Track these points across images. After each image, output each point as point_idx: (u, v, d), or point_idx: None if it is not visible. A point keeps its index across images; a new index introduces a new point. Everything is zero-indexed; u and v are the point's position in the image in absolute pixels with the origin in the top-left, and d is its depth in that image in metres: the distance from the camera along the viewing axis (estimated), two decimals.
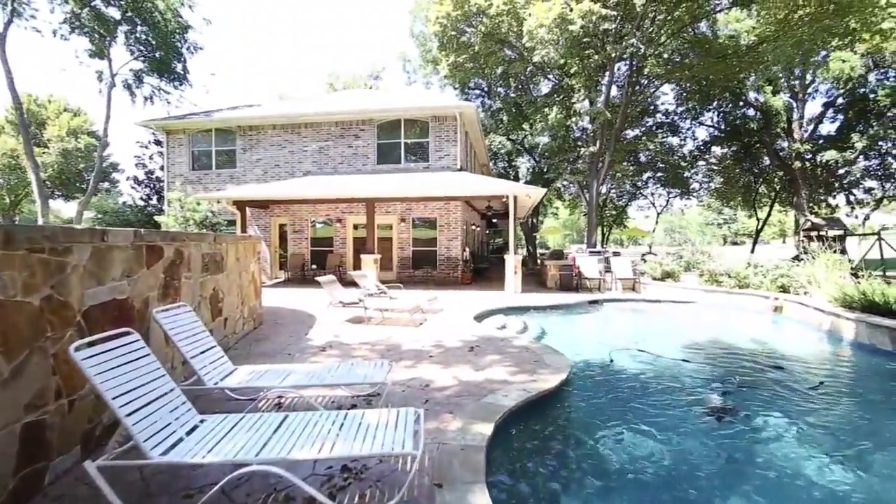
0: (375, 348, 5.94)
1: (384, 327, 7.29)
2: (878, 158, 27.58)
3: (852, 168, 26.90)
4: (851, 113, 26.45)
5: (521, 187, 11.71)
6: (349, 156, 14.73)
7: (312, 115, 14.75)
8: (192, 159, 15.86)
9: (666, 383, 5.01)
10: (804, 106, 27.43)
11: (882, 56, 22.80)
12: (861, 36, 17.92)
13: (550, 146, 25.92)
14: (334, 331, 7.05)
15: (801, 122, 27.23)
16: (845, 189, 30.04)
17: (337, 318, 8.03)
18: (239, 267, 6.40)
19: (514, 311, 9.42)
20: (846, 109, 26.76)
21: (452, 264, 14.16)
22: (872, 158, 27.58)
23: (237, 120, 15.27)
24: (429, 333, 6.83)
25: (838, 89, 26.47)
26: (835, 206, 31.70)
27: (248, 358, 5.43)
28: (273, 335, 6.78)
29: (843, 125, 27.23)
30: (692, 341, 7.14)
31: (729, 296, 9.95)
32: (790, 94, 27.47)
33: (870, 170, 28.11)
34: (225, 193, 13.18)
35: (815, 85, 27.48)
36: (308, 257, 15.06)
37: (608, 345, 6.78)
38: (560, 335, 7.54)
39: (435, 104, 15.31)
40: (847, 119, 26.90)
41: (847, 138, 26.15)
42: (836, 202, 31.75)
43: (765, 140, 27.66)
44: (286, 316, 8.45)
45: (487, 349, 5.81)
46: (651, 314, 9.70)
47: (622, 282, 12.16)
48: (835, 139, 26.91)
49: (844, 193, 30.48)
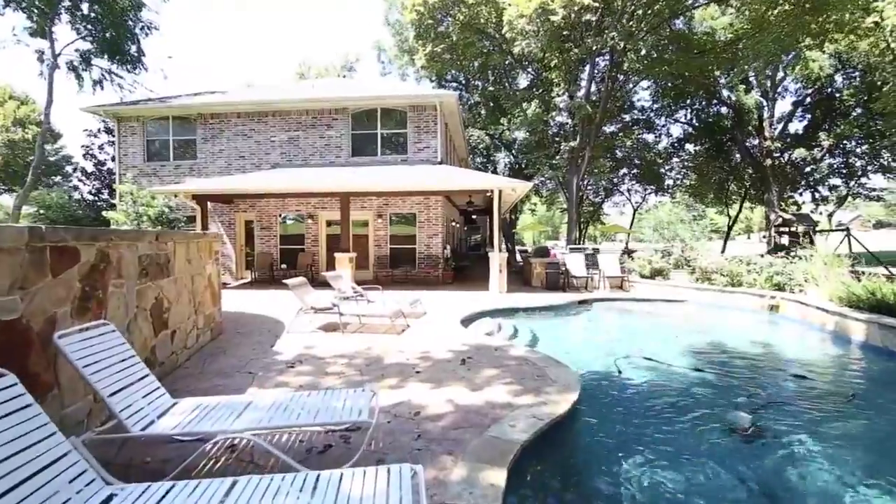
0: (353, 363, 5.16)
1: (362, 336, 6.51)
2: (842, 157, 28.48)
3: (819, 165, 27.66)
4: (819, 112, 27.16)
5: (506, 181, 11.10)
6: (321, 147, 13.75)
7: (281, 103, 13.68)
8: (147, 149, 14.50)
9: (684, 399, 4.46)
10: (774, 105, 27.98)
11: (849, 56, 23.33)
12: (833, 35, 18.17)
13: (529, 141, 25.50)
14: (305, 341, 6.22)
15: (771, 120, 27.76)
16: (811, 186, 30.96)
17: (308, 325, 7.19)
18: (191, 269, 5.49)
19: (502, 314, 8.80)
20: (814, 108, 27.46)
21: (433, 263, 13.43)
22: (837, 157, 28.45)
23: (197, 107, 14.03)
24: (413, 342, 6.10)
25: (807, 88, 27.10)
26: (801, 202, 32.65)
27: (200, 378, 4.57)
28: (233, 347, 5.90)
29: (810, 124, 27.96)
30: (695, 345, 6.67)
31: (721, 294, 9.63)
32: (761, 92, 27.96)
33: (833, 167, 29.01)
34: (183, 186, 12.01)
35: (785, 84, 28.07)
36: (277, 256, 14.02)
37: (609, 351, 6.23)
38: (555, 341, 6.94)
39: (414, 92, 14.51)
40: (814, 118, 27.62)
41: (815, 136, 26.86)
42: (803, 199, 32.71)
43: (737, 137, 28.07)
44: (250, 323, 7.54)
45: (481, 361, 5.13)
46: (644, 315, 9.26)
47: (610, 280, 11.73)
48: (803, 137, 27.60)
49: (810, 190, 31.42)
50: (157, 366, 4.39)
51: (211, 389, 4.24)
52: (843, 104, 25.80)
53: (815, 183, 30.47)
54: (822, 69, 24.30)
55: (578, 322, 8.59)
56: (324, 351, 5.69)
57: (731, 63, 21.65)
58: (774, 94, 27.72)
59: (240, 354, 5.57)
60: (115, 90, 16.69)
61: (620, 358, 5.76)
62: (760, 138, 27.34)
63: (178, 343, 5.02)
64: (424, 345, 5.95)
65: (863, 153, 27.60)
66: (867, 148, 26.81)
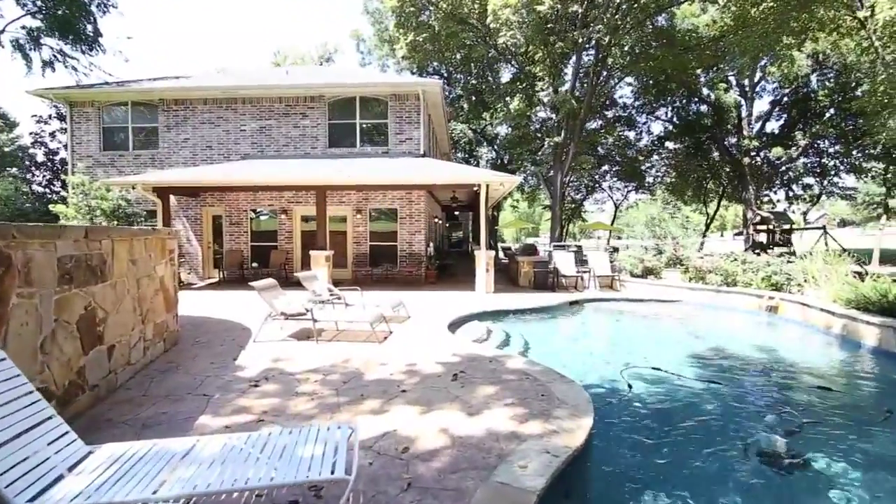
0: (329, 379, 4.47)
1: (339, 345, 5.81)
2: (816, 157, 29.04)
3: (795, 164, 28.11)
4: (795, 111, 27.58)
5: (494, 175, 10.50)
6: (296, 137, 12.86)
7: (252, 89, 12.71)
8: (104, 138, 13.31)
9: (705, 419, 3.96)
10: (752, 104, 28.28)
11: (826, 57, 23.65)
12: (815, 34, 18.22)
13: (512, 137, 25.03)
14: (274, 352, 5.49)
15: (749, 119, 28.05)
16: (785, 185, 31.54)
17: (278, 332, 6.44)
18: (137, 272, 4.69)
19: (491, 316, 8.22)
20: (790, 108, 27.86)
21: (415, 261, 12.76)
22: (811, 156, 28.99)
23: (159, 91, 12.92)
24: (397, 352, 5.44)
25: (784, 88, 27.47)
26: (776, 201, 33.27)
27: (142, 403, 3.81)
28: (190, 361, 5.12)
29: (786, 123, 28.38)
30: (699, 351, 6.23)
31: (716, 294, 9.29)
32: (740, 92, 28.22)
33: (807, 167, 29.57)
34: (142, 177, 10.97)
35: (763, 84, 28.41)
36: (248, 254, 13.09)
37: (610, 360, 5.72)
38: (550, 348, 6.40)
39: (395, 80, 13.75)
40: (791, 117, 28.04)
41: (791, 136, 27.26)
42: (777, 197, 33.35)
43: (716, 135, 28.27)
44: (213, 330, 6.74)
45: (475, 375, 4.52)
46: (640, 316, 8.83)
47: (600, 279, 11.31)
48: (780, 136, 28.00)
49: (784, 189, 32.01)
50: (85, 391, 3.62)
51: (153, 419, 3.51)
52: (818, 104, 26.26)
53: (790, 182, 31.07)
54: (800, 69, 24.62)
55: (572, 325, 8.08)
56: (295, 364, 4.97)
57: (715, 60, 21.64)
58: (753, 93, 28.03)
59: (196, 370, 4.80)
60: (69, 73, 15.33)
61: (626, 368, 5.24)
62: (739, 137, 27.59)
63: (117, 360, 4.23)
64: (410, 355, 5.30)
65: (835, 153, 28.23)
66: (840, 148, 27.42)
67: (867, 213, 64.46)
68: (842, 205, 63.68)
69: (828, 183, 29.48)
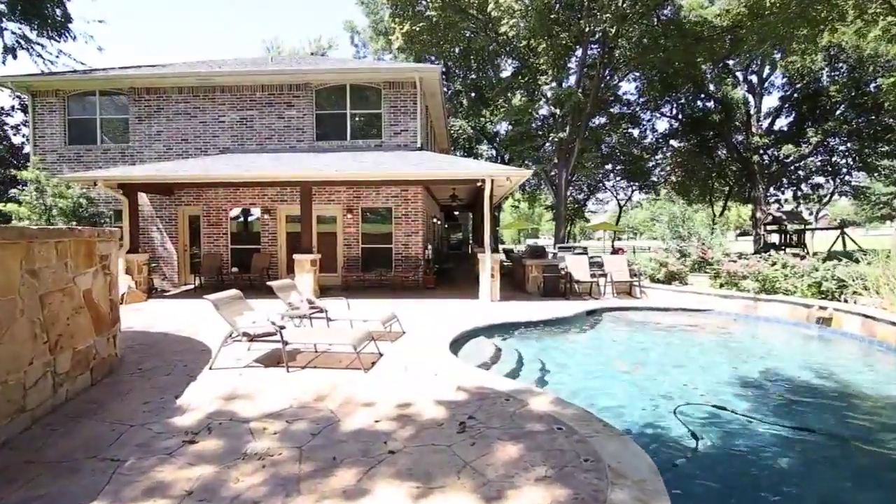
0: (291, 431, 3.32)
1: (314, 374, 4.66)
2: (826, 155, 28.06)
3: (806, 162, 27.12)
4: (805, 108, 26.57)
5: (499, 169, 9.37)
6: (280, 129, 11.70)
7: (230, 75, 11.53)
8: (69, 130, 12.12)
9: (817, 493, 2.81)
10: (761, 100, 27.27)
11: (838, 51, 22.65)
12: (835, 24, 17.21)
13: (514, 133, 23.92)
14: (231, 384, 4.33)
15: (758, 115, 27.04)
16: (793, 184, 30.57)
17: (243, 355, 5.29)
18: (40, 286, 3.54)
19: (499, 331, 7.09)
20: (800, 104, 26.85)
21: (412, 265, 11.60)
22: (821, 154, 28.00)
23: (129, 79, 11.73)
24: (386, 385, 4.30)
25: (795, 84, 26.50)
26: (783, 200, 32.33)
27: (14, 480, 2.64)
28: (117, 399, 3.97)
29: (796, 120, 27.37)
30: (756, 377, 5.10)
31: (754, 303, 8.17)
32: (748, 87, 27.22)
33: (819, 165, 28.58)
34: (105, 173, 9.79)
35: (772, 79, 27.44)
36: (228, 258, 11.91)
37: (652, 390, 4.58)
38: (573, 373, 5.26)
39: (389, 66, 12.61)
40: (801, 114, 27.03)
41: (803, 132, 26.23)
42: (785, 197, 32.39)
43: (724, 133, 27.25)
44: (166, 352, 5.57)
45: (490, 424, 3.37)
46: (669, 329, 7.69)
47: (617, 285, 10.18)
48: (790, 133, 26.98)
49: (793, 189, 31.05)
50: None
51: None
52: (829, 100, 25.26)
53: (799, 181, 30.10)
54: (814, 62, 23.63)
55: (593, 342, 6.94)
56: (253, 405, 3.82)
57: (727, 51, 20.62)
58: (761, 89, 27.03)
59: (121, 414, 3.65)
60: (34, 62, 14.12)
61: (679, 407, 4.10)
62: (748, 134, 26.56)
63: (6, 404, 3.07)
64: (403, 389, 4.16)
65: (847, 151, 27.26)
66: (851, 146, 26.45)
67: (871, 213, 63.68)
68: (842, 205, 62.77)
69: (840, 182, 28.51)
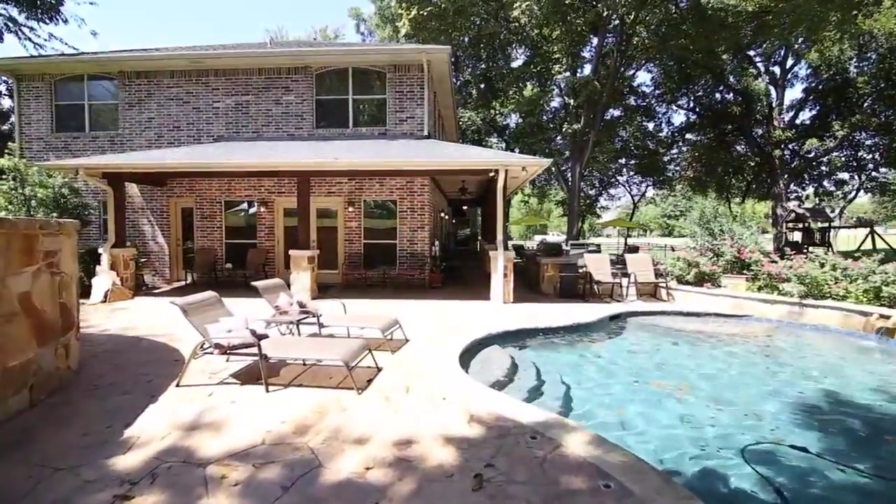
0: (259, 482, 2.56)
1: (299, 393, 3.90)
2: (850, 150, 26.81)
3: (832, 156, 25.93)
4: (831, 100, 25.32)
5: (515, 157, 8.54)
6: (277, 116, 10.93)
7: (225, 57, 10.74)
8: (56, 117, 11.45)
9: None
10: (784, 92, 26.05)
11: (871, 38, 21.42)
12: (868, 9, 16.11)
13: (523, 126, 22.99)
14: (195, 408, 3.58)
15: (780, 108, 25.85)
16: (815, 180, 29.37)
17: (221, 366, 4.55)
18: None
19: (514, 338, 6.30)
20: (826, 96, 25.60)
21: (418, 262, 10.82)
22: (846, 149, 26.77)
23: (119, 61, 11.02)
24: (382, 414, 3.52)
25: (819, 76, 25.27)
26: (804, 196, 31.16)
27: None
28: (53, 428, 3.23)
29: (819, 113, 26.14)
30: (829, 405, 4.26)
31: (799, 309, 7.28)
32: (770, 79, 26.02)
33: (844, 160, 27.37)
34: (87, 161, 9.09)
35: (795, 70, 26.20)
36: (222, 253, 11.20)
37: (700, 420, 3.77)
38: (603, 395, 4.45)
39: (394, 47, 11.77)
40: (825, 107, 25.79)
41: (829, 125, 25.02)
42: (806, 193, 31.21)
43: (744, 126, 26.11)
44: (132, 362, 4.84)
45: (513, 479, 2.59)
46: (706, 338, 6.85)
47: (640, 286, 9.33)
48: (814, 127, 25.78)
49: (814, 185, 29.85)
50: None
51: None
52: (857, 92, 24.01)
53: (820, 177, 28.90)
54: (843, 52, 22.44)
55: (623, 354, 6.11)
56: (216, 439, 3.06)
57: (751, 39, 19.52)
58: (784, 80, 25.81)
59: (52, 448, 2.92)
60: (22, 45, 13.49)
61: (749, 448, 3.28)
62: (770, 127, 25.39)
63: None
64: (403, 419, 3.38)
65: (874, 145, 25.99)
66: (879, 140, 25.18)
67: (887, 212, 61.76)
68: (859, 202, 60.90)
69: (866, 178, 27.25)
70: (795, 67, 25.85)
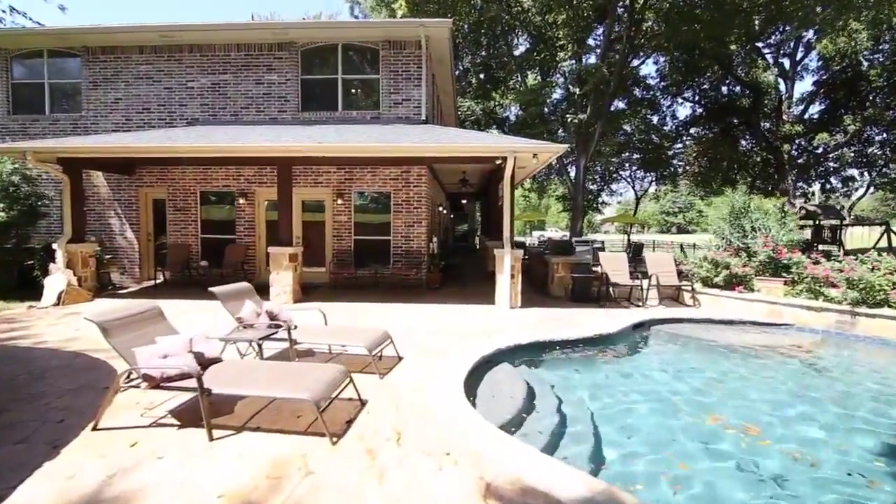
0: None
1: (252, 442, 2.90)
2: (860, 145, 26.00)
3: (843, 151, 25.11)
4: (842, 94, 24.46)
5: (525, 143, 7.52)
6: (258, 97, 9.86)
7: (199, 29, 9.61)
8: (13, 97, 10.32)
9: None
10: (793, 85, 25.15)
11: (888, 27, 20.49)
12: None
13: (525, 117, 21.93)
14: (103, 469, 2.58)
15: (789, 102, 24.96)
16: (822, 177, 28.59)
17: (157, 400, 3.54)
18: None
19: (526, 353, 5.34)
20: (836, 90, 24.73)
21: (413, 260, 9.83)
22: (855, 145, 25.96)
23: (82, 34, 9.88)
24: (361, 479, 2.52)
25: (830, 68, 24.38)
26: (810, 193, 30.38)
27: None
28: None
29: (830, 107, 25.29)
30: None
31: (851, 318, 6.36)
32: (779, 71, 25.12)
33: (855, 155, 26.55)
34: (36, 144, 7.99)
35: (805, 62, 25.31)
36: (198, 249, 10.15)
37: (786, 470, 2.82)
38: (644, 441, 3.47)
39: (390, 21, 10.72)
40: (835, 101, 24.93)
41: (839, 120, 24.18)
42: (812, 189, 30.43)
43: (752, 120, 25.21)
44: (55, 387, 3.82)
45: None
46: (747, 352, 5.91)
47: (661, 289, 8.38)
48: (824, 122, 24.93)
49: (820, 182, 29.08)
50: None
51: None
52: (869, 85, 23.16)
53: (827, 173, 28.11)
54: (857, 43, 21.52)
55: (658, 375, 5.14)
56: None
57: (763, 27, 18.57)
58: (794, 73, 24.89)
59: None
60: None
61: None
62: (778, 122, 24.50)
63: None
64: (391, 490, 2.39)
65: (885, 141, 25.17)
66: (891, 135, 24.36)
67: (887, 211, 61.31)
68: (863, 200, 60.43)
69: (876, 174, 26.45)
70: (806, 59, 24.98)
